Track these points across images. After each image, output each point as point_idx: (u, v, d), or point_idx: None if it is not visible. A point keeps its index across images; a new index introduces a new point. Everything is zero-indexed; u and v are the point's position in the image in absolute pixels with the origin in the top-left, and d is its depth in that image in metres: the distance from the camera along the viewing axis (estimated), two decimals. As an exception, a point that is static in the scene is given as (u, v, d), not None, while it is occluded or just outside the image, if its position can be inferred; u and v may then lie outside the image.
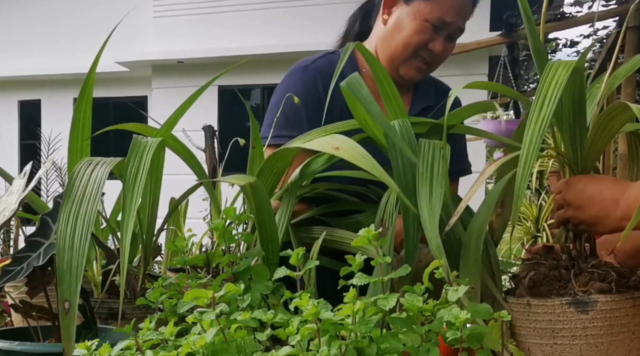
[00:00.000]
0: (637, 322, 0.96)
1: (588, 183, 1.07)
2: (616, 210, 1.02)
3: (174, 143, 1.39)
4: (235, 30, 9.23)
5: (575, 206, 1.07)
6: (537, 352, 1.00)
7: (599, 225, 1.05)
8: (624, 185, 1.04)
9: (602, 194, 1.05)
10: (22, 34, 10.81)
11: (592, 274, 1.02)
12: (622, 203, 1.01)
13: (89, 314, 1.26)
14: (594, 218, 1.05)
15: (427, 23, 1.63)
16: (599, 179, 1.08)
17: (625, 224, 0.97)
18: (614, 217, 1.02)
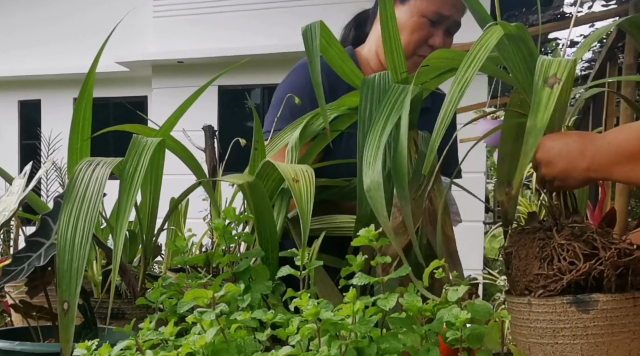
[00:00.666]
0: (637, 322, 0.96)
1: (556, 139, 1.10)
2: (582, 161, 1.05)
3: (172, 143, 1.39)
4: (235, 30, 9.22)
5: (545, 163, 1.11)
6: (538, 352, 1.00)
7: (569, 178, 1.08)
8: (589, 137, 1.07)
9: (569, 147, 1.08)
10: (22, 33, 10.81)
11: (573, 228, 1.05)
12: (588, 154, 1.04)
13: (89, 314, 1.26)
14: (563, 172, 1.08)
15: (425, 19, 1.65)
16: (566, 134, 1.12)
17: (592, 175, 1.03)
18: (580, 168, 1.05)
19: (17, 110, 11.35)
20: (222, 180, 1.33)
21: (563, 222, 1.09)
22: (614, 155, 1.01)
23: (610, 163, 1.01)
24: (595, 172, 1.04)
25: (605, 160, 1.02)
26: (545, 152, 1.10)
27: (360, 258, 1.04)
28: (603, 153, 1.03)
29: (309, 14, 9.82)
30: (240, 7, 9.33)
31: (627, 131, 1.01)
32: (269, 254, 1.24)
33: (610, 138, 1.03)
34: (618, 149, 1.01)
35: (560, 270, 1.01)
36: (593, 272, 0.99)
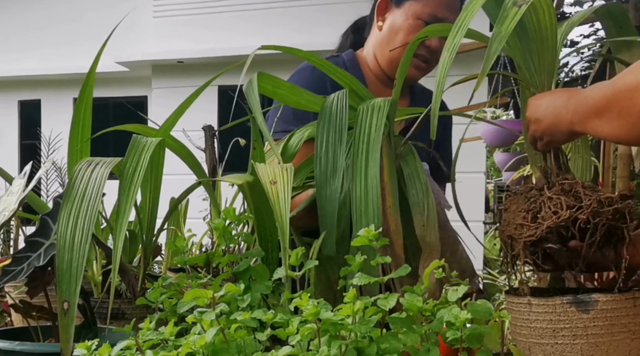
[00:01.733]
0: (637, 322, 0.96)
1: (542, 97, 1.14)
2: (567, 114, 1.07)
3: (173, 143, 1.39)
4: (235, 30, 9.22)
5: (533, 120, 1.14)
6: (538, 352, 1.00)
7: (556, 133, 1.11)
8: (573, 92, 1.10)
9: (554, 103, 1.11)
10: (22, 34, 10.81)
11: (563, 185, 1.07)
12: (571, 108, 1.06)
13: (89, 314, 1.26)
14: (550, 126, 1.11)
15: (420, 21, 1.67)
16: (552, 92, 1.15)
17: (576, 128, 1.06)
18: (565, 120, 1.08)
19: (17, 110, 11.35)
20: (222, 180, 1.33)
21: (554, 180, 1.12)
22: (587, 108, 1.03)
23: (586, 117, 1.03)
24: (577, 124, 1.06)
25: (583, 114, 1.04)
26: (534, 110, 1.14)
27: (360, 258, 1.04)
28: (581, 107, 1.05)
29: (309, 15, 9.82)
30: (240, 7, 9.33)
31: (599, 86, 1.03)
32: (269, 254, 1.24)
33: (587, 92, 1.05)
34: (590, 103, 1.02)
35: (544, 218, 1.03)
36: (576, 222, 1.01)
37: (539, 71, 1.17)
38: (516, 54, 1.17)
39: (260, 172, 1.17)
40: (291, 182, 1.16)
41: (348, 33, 1.92)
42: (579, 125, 1.05)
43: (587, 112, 1.02)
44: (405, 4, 1.70)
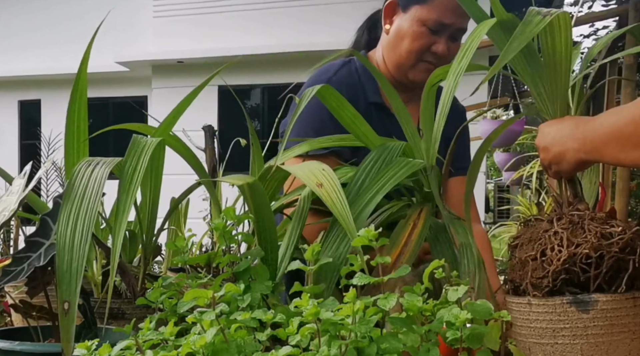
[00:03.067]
0: (637, 322, 0.96)
1: (552, 125, 1.13)
2: (574, 143, 1.06)
3: (174, 142, 1.39)
4: (235, 30, 9.23)
5: (542, 148, 1.13)
6: (538, 352, 1.00)
7: (563, 162, 1.10)
8: (582, 120, 1.09)
9: (562, 131, 1.10)
10: (23, 34, 10.81)
11: (572, 216, 1.06)
12: (579, 136, 1.06)
13: (89, 314, 1.26)
14: (557, 156, 1.10)
15: (425, 28, 1.66)
16: (561, 120, 1.14)
17: (583, 157, 1.05)
18: (572, 150, 1.07)
19: (17, 110, 11.35)
20: (223, 180, 1.33)
21: (565, 210, 1.10)
22: (604, 136, 1.01)
23: (601, 145, 1.02)
24: (586, 153, 1.05)
25: (596, 142, 1.03)
26: (542, 138, 1.13)
27: (362, 258, 1.04)
28: (595, 135, 1.03)
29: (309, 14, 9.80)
30: (240, 7, 9.33)
31: (617, 112, 1.01)
32: (269, 254, 1.24)
33: (601, 120, 1.04)
34: (608, 130, 1.00)
35: (550, 260, 1.02)
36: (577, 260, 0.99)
37: (551, 97, 1.14)
38: (527, 80, 1.15)
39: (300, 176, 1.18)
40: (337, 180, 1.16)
41: (363, 28, 1.90)
42: (590, 154, 1.04)
43: (604, 140, 1.01)
44: (411, 9, 1.68)
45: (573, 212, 1.07)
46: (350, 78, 1.72)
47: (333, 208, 1.12)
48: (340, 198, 1.13)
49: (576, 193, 1.13)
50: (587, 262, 0.99)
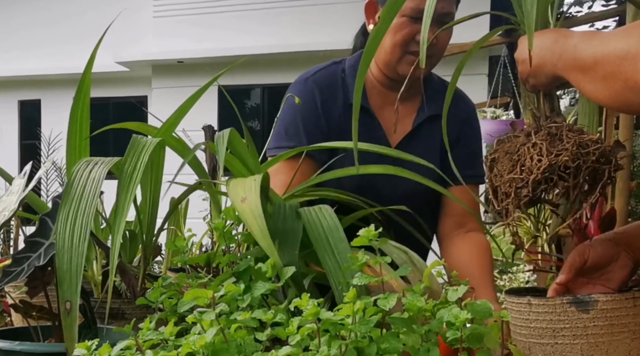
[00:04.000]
0: (637, 322, 0.96)
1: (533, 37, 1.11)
2: (552, 57, 1.05)
3: (175, 143, 1.39)
4: (235, 30, 9.23)
5: (521, 60, 1.12)
6: (538, 352, 1.00)
7: (541, 75, 1.09)
8: (562, 34, 1.07)
9: (542, 45, 1.08)
10: (23, 34, 10.81)
11: (550, 128, 1.07)
12: (557, 51, 1.04)
13: (89, 314, 1.26)
14: (536, 67, 1.08)
15: (405, 18, 1.60)
16: (541, 32, 1.12)
17: (558, 73, 1.03)
18: (550, 63, 1.05)
19: (17, 110, 11.35)
20: (223, 183, 1.33)
21: (542, 123, 1.11)
22: (572, 61, 1.01)
23: (569, 68, 1.01)
24: (560, 70, 1.04)
25: (567, 62, 1.02)
26: (522, 50, 1.12)
27: (362, 258, 1.04)
28: (567, 55, 1.02)
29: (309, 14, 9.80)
30: (240, 7, 9.33)
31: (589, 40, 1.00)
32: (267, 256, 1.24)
33: (576, 41, 1.02)
34: (577, 57, 1.00)
35: (530, 169, 1.04)
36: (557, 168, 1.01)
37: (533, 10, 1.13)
38: None
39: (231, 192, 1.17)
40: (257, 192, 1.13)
41: (359, 35, 1.86)
42: (563, 72, 1.03)
43: (572, 64, 1.00)
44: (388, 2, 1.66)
45: (551, 124, 1.09)
46: (330, 78, 1.70)
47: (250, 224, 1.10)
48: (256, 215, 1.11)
49: (553, 107, 1.14)
50: (566, 171, 1.01)
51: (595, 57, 0.94)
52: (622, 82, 0.89)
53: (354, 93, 1.63)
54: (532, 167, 1.04)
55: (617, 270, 1.04)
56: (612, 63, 0.90)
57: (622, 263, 1.04)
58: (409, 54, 1.63)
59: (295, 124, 1.64)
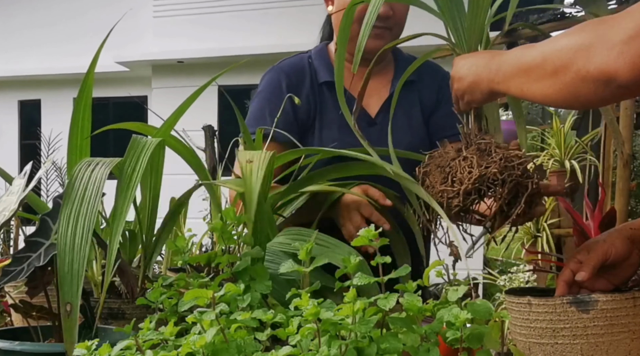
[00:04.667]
0: (637, 322, 0.96)
1: (467, 57, 1.19)
2: (488, 73, 1.10)
3: (175, 143, 1.39)
4: (235, 30, 9.22)
5: (457, 79, 1.18)
6: (538, 352, 1.00)
7: (476, 91, 1.14)
8: (497, 53, 1.14)
9: (477, 63, 1.14)
10: (22, 34, 10.81)
11: (479, 144, 1.17)
12: (493, 67, 1.09)
13: (89, 314, 1.26)
14: (471, 85, 1.15)
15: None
16: (476, 53, 1.20)
17: (494, 87, 1.09)
18: (486, 79, 1.11)
19: (17, 110, 11.35)
20: (224, 185, 1.34)
21: (472, 140, 1.20)
22: (515, 67, 1.04)
23: (510, 76, 1.05)
24: (497, 83, 1.08)
25: (507, 72, 1.06)
26: (458, 69, 1.18)
27: (356, 259, 1.04)
28: (507, 66, 1.06)
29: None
30: (240, 7, 9.33)
31: (531, 47, 1.04)
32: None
33: (516, 52, 1.07)
34: (519, 62, 1.03)
35: (461, 180, 1.12)
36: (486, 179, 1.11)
37: (468, 31, 1.22)
38: (446, 15, 1.23)
39: (239, 155, 1.21)
40: (266, 162, 1.18)
41: (325, 25, 1.92)
42: (500, 84, 1.07)
43: (514, 71, 1.04)
44: None
45: (480, 140, 1.17)
46: (297, 64, 1.77)
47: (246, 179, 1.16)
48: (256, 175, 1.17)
49: (481, 126, 1.23)
50: (494, 182, 1.11)
51: (544, 54, 0.97)
52: (573, 73, 0.91)
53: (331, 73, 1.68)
54: (463, 178, 1.12)
55: (626, 267, 1.05)
56: (563, 56, 0.92)
57: (632, 261, 1.04)
58: None
59: (261, 109, 1.71)
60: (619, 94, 0.89)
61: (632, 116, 3.55)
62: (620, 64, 0.84)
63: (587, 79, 0.89)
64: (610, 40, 0.85)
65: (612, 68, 0.85)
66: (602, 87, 0.87)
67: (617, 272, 1.04)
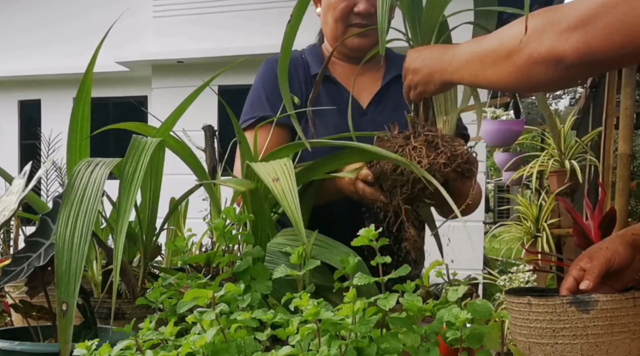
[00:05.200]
0: (637, 322, 0.96)
1: (421, 50, 1.26)
2: (441, 64, 1.17)
3: (174, 143, 1.39)
4: (235, 30, 9.22)
5: (411, 70, 1.25)
6: (538, 352, 1.00)
7: (430, 83, 1.21)
8: (451, 46, 1.21)
9: (432, 55, 1.21)
10: (22, 34, 10.80)
11: (427, 136, 1.26)
12: (446, 59, 1.16)
13: (89, 314, 1.26)
14: (427, 76, 1.21)
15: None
16: (430, 46, 1.27)
17: (447, 78, 1.17)
18: (439, 70, 1.18)
19: (17, 110, 11.34)
20: (225, 184, 1.34)
21: (420, 130, 1.29)
22: (469, 55, 1.11)
23: (464, 64, 1.12)
24: (451, 73, 1.15)
25: (461, 61, 1.12)
26: (411, 61, 1.25)
27: (354, 259, 1.04)
28: (460, 55, 1.13)
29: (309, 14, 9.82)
30: (240, 7, 9.32)
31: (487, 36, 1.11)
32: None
33: (469, 43, 1.14)
34: (473, 50, 1.10)
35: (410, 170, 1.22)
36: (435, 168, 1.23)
37: (424, 26, 1.29)
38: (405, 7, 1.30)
39: (260, 172, 1.17)
40: (293, 175, 1.16)
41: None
42: (455, 74, 1.14)
43: (468, 58, 1.10)
44: None
45: (427, 132, 1.27)
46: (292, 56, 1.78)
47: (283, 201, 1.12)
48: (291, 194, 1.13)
49: (428, 116, 1.32)
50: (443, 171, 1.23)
51: (500, 39, 1.04)
52: (526, 56, 0.98)
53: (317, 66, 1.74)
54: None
55: (628, 273, 1.05)
56: (517, 40, 0.99)
57: (635, 267, 1.04)
58: (351, 27, 1.70)
59: (258, 96, 1.75)
60: (566, 76, 0.96)
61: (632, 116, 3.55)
62: (567, 46, 0.92)
63: (538, 61, 0.97)
64: (559, 25, 0.93)
65: (560, 50, 0.93)
66: (552, 67, 0.95)
67: (620, 278, 1.04)
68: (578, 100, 7.97)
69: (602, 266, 1.02)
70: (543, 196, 4.67)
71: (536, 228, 4.44)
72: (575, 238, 1.25)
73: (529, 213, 4.50)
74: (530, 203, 4.58)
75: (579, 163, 4.37)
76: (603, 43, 0.89)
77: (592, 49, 0.90)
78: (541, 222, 4.40)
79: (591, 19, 0.90)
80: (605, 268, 1.02)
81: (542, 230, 4.39)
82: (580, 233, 1.22)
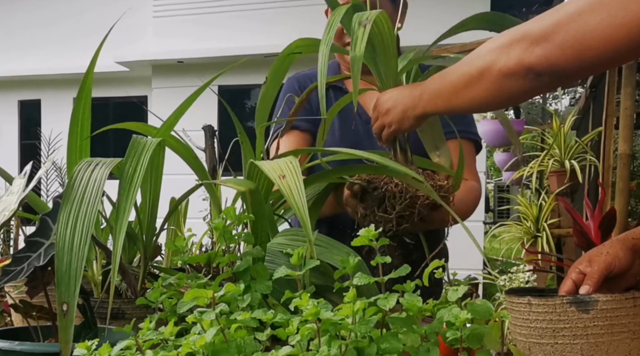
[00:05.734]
0: (637, 322, 0.96)
1: (390, 92, 1.32)
2: (414, 101, 1.22)
3: (175, 143, 1.39)
4: (235, 30, 9.22)
5: (383, 112, 1.30)
6: (538, 352, 1.00)
7: (404, 119, 1.26)
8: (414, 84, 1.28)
9: (402, 94, 1.27)
10: (22, 34, 10.80)
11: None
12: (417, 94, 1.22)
13: (89, 314, 1.26)
14: (399, 113, 1.26)
15: None
16: (398, 87, 1.33)
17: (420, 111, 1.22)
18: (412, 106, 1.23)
19: (17, 110, 11.34)
20: (225, 184, 1.34)
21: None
22: (440, 84, 1.15)
23: (437, 93, 1.16)
24: (424, 107, 1.20)
25: (432, 92, 1.17)
26: (383, 103, 1.30)
27: (354, 260, 1.04)
28: (431, 88, 1.18)
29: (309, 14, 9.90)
30: (240, 7, 9.33)
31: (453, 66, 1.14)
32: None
33: (439, 73, 1.18)
34: (444, 80, 1.15)
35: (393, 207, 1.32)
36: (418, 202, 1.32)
37: (385, 74, 1.39)
38: (368, 61, 1.38)
39: (266, 169, 1.17)
40: (299, 171, 1.16)
41: None
42: (428, 106, 1.20)
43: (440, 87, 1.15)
44: None
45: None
46: (309, 72, 1.99)
47: (289, 199, 1.11)
48: (297, 191, 1.11)
49: (407, 157, 1.39)
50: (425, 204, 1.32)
51: (471, 60, 1.09)
52: (497, 71, 1.02)
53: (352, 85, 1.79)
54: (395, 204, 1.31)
55: (628, 277, 1.05)
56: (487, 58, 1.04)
57: (635, 271, 1.04)
58: (347, 45, 1.76)
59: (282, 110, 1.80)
60: (537, 85, 1.00)
61: (632, 116, 3.55)
62: (532, 58, 0.96)
63: (508, 74, 1.00)
64: (528, 37, 0.97)
65: (527, 62, 0.97)
66: (522, 79, 0.99)
67: (620, 282, 1.04)
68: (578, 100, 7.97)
69: (602, 271, 1.02)
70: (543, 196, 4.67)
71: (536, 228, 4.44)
72: (575, 238, 1.24)
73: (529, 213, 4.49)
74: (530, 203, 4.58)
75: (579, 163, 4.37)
76: (560, 57, 0.94)
77: (551, 62, 0.95)
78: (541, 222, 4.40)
79: (549, 35, 0.95)
80: (606, 274, 1.02)
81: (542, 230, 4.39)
82: (580, 233, 1.22)
